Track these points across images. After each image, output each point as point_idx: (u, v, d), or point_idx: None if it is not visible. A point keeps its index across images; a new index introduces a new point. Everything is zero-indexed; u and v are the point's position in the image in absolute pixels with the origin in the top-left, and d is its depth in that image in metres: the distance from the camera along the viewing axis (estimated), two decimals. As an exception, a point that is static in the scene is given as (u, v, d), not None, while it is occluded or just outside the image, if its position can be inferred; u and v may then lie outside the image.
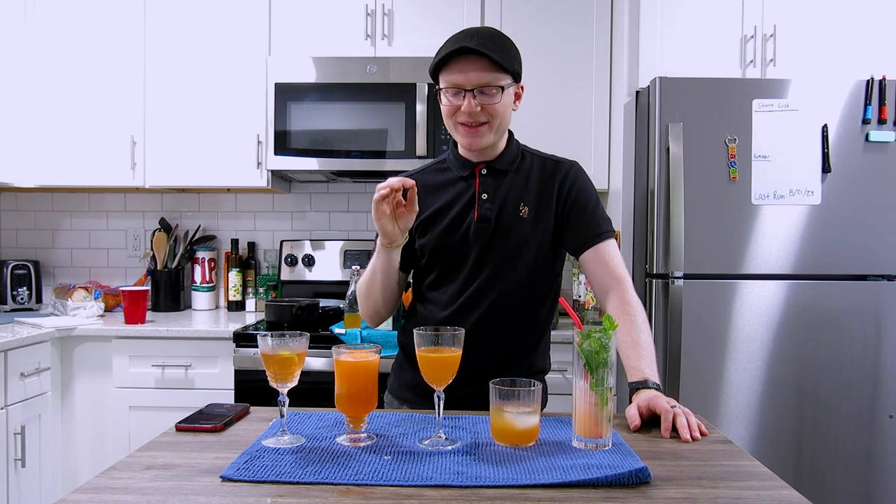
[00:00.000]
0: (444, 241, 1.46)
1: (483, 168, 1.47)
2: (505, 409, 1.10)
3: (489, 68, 1.35)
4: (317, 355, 2.33)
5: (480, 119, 1.38)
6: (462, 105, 1.37)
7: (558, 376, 2.38)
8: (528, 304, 1.49)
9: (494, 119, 1.39)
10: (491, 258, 1.45)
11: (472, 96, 1.35)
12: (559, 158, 1.52)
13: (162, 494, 0.91)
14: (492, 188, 1.46)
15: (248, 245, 3.16)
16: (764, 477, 1.00)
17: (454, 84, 1.37)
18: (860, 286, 2.33)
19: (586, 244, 1.45)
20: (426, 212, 1.47)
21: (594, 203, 1.48)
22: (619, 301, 1.39)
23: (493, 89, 1.36)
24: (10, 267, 2.92)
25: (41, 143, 2.83)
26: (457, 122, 1.40)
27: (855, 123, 2.31)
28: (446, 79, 1.38)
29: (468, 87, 1.36)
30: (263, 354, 1.12)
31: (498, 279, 1.45)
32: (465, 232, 1.45)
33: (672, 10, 2.53)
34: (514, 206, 1.45)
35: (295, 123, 2.71)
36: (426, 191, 1.47)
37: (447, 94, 1.38)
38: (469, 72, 1.35)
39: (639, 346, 1.32)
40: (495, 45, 1.36)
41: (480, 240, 1.44)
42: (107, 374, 2.53)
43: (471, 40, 1.34)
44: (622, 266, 1.45)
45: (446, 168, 1.52)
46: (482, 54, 1.33)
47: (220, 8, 2.79)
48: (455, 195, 1.48)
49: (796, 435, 2.31)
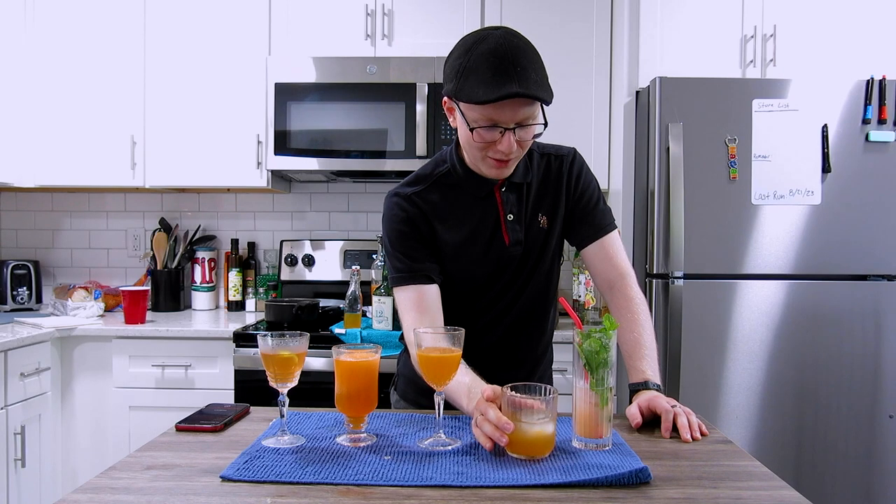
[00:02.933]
0: (478, 269, 1.39)
1: (503, 185, 1.38)
2: (520, 419, 1.03)
3: (532, 103, 1.21)
4: (317, 355, 2.33)
5: (514, 155, 1.27)
6: (499, 142, 1.23)
7: (558, 376, 2.39)
8: (544, 307, 1.48)
9: (524, 150, 1.29)
10: (519, 276, 1.42)
11: (512, 133, 1.22)
12: (559, 150, 1.46)
13: (162, 494, 0.91)
14: (514, 206, 1.38)
15: (248, 245, 3.16)
16: (764, 477, 1.00)
17: (493, 121, 1.21)
18: (860, 286, 2.32)
19: (590, 238, 1.43)
20: (451, 240, 1.37)
21: (597, 196, 1.46)
22: (622, 297, 1.39)
23: (533, 123, 1.24)
24: (10, 267, 2.92)
25: (41, 143, 2.83)
26: (486, 155, 1.27)
27: (855, 123, 2.31)
28: (483, 115, 1.21)
29: (509, 125, 1.22)
30: (263, 354, 1.12)
31: (524, 293, 1.43)
32: (498, 258, 1.38)
33: (672, 10, 2.53)
34: (533, 218, 1.40)
35: (295, 123, 2.71)
36: (444, 213, 1.37)
37: (481, 128, 1.22)
38: (515, 111, 1.20)
39: (641, 345, 1.32)
40: (538, 75, 1.20)
41: (512, 264, 1.40)
42: (107, 374, 2.53)
43: (519, 81, 1.16)
44: (626, 260, 1.43)
45: (455, 184, 1.38)
46: (529, 96, 1.18)
47: (219, 8, 2.79)
48: (479, 219, 1.38)
49: (796, 435, 2.31)
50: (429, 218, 1.37)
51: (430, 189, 1.39)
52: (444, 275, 1.38)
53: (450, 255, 1.38)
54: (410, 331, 1.32)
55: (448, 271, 1.39)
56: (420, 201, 1.38)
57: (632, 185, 2.49)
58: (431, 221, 1.37)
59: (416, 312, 1.33)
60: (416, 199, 1.38)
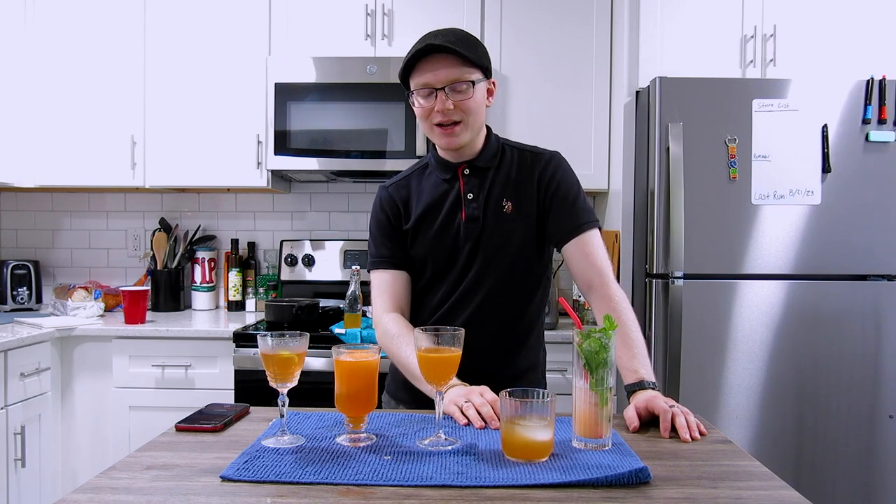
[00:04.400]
0: (435, 245, 1.47)
1: (465, 168, 1.47)
2: (518, 423, 1.03)
3: (458, 64, 1.35)
4: (317, 355, 2.33)
5: (454, 118, 1.37)
6: (435, 105, 1.36)
7: (558, 376, 2.39)
8: (517, 299, 1.48)
9: (468, 116, 1.38)
10: (479, 256, 1.45)
11: (445, 95, 1.35)
12: (539, 150, 1.50)
13: (162, 494, 0.91)
14: (476, 187, 1.46)
15: (248, 245, 3.16)
16: (764, 477, 1.00)
17: (424, 84, 1.36)
18: (860, 286, 2.33)
19: (567, 236, 1.43)
20: (414, 217, 1.48)
21: (574, 193, 1.46)
22: (602, 296, 1.38)
23: (464, 84, 1.35)
24: (10, 267, 2.92)
25: (41, 143, 2.83)
26: (432, 123, 1.39)
27: (855, 123, 2.31)
28: (416, 81, 1.37)
29: (438, 85, 1.35)
30: (263, 354, 1.12)
31: (486, 276, 1.45)
32: (455, 234, 1.45)
33: (672, 10, 2.53)
34: (497, 202, 1.45)
35: (295, 123, 2.71)
36: (413, 197, 1.50)
37: (419, 96, 1.38)
38: (438, 70, 1.34)
39: (629, 344, 1.31)
40: (461, 41, 1.35)
41: (470, 240, 1.44)
42: (107, 374, 2.53)
43: (435, 38, 1.35)
44: (604, 258, 1.42)
45: (430, 172, 1.52)
46: (449, 50, 1.33)
47: (219, 8, 2.79)
48: (440, 197, 1.48)
49: (796, 435, 2.31)
50: (399, 206, 1.50)
51: (410, 178, 1.54)
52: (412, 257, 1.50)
53: (412, 232, 1.48)
54: (380, 311, 1.49)
55: (414, 250, 1.49)
56: (395, 191, 1.52)
57: (632, 185, 2.49)
58: (401, 209, 1.50)
59: (385, 295, 1.49)
60: (392, 190, 1.53)
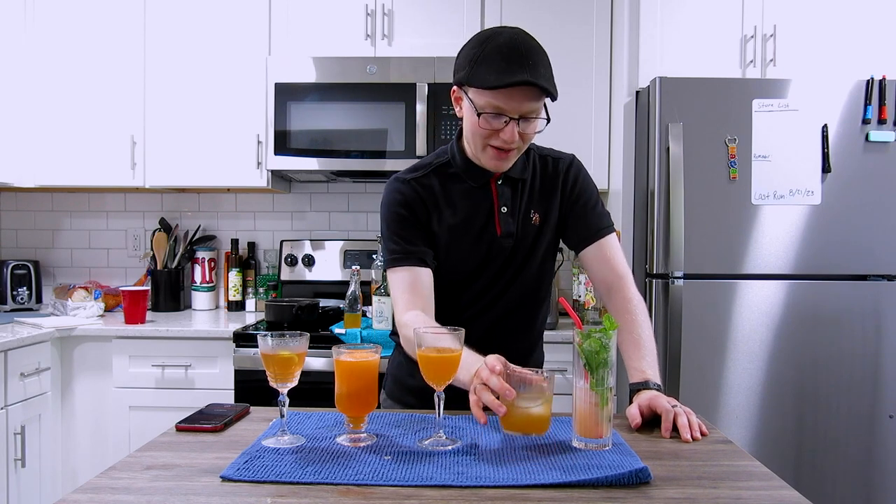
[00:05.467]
0: (466, 258, 1.42)
1: (499, 178, 1.42)
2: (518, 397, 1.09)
3: (539, 97, 1.27)
4: (317, 355, 2.33)
5: (515, 146, 1.32)
6: (502, 131, 1.28)
7: (558, 376, 2.38)
8: (533, 305, 1.50)
9: (526, 144, 1.35)
10: (507, 268, 1.44)
11: (516, 123, 1.28)
12: (557, 154, 1.50)
13: (162, 494, 0.91)
14: (509, 200, 1.42)
15: (248, 245, 3.16)
16: (764, 477, 1.00)
17: (499, 109, 1.27)
18: (860, 286, 2.32)
19: (588, 240, 1.45)
20: (445, 226, 1.41)
21: (595, 199, 1.48)
22: (621, 298, 1.40)
23: (535, 116, 1.30)
24: (10, 267, 2.92)
25: (41, 143, 2.83)
26: (488, 143, 1.32)
27: (855, 123, 2.31)
28: (489, 101, 1.26)
29: (514, 115, 1.27)
30: (263, 354, 1.12)
31: (511, 287, 1.45)
32: (488, 248, 1.42)
33: (672, 10, 2.53)
34: (526, 214, 1.44)
35: (295, 123, 2.71)
36: (440, 200, 1.41)
37: (487, 116, 1.28)
38: (522, 102, 1.26)
39: (640, 345, 1.33)
40: (547, 71, 1.26)
41: (502, 255, 1.43)
42: (107, 374, 2.53)
43: (529, 71, 1.23)
44: (623, 262, 1.45)
45: (454, 174, 1.43)
46: (538, 86, 1.24)
47: (219, 8, 2.79)
48: (473, 208, 1.42)
49: (796, 435, 2.31)
50: (426, 203, 1.41)
51: (429, 176, 1.43)
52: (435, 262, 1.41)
53: (442, 242, 1.41)
54: (404, 312, 1.35)
55: (439, 259, 1.42)
56: (419, 187, 1.42)
57: (632, 186, 2.49)
58: (428, 207, 1.41)
59: (409, 294, 1.36)
60: (415, 185, 1.42)
